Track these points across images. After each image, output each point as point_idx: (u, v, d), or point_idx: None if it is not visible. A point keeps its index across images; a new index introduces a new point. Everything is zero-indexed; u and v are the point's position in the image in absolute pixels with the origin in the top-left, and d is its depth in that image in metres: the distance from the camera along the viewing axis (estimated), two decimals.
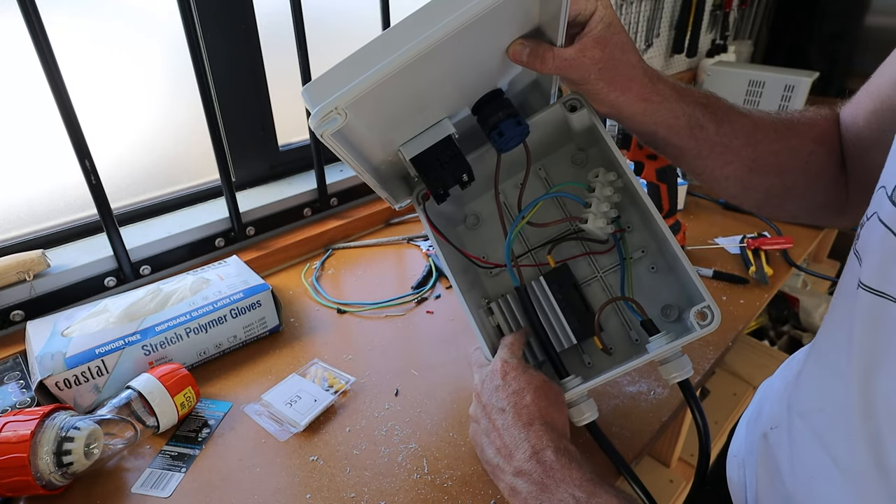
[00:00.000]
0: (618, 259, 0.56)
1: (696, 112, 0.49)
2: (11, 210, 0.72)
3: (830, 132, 0.52)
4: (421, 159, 0.48)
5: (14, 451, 0.47)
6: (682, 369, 0.49)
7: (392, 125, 0.46)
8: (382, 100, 0.41)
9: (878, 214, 0.35)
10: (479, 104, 0.49)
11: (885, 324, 0.33)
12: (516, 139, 0.49)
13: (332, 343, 0.71)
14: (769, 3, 2.05)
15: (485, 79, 0.48)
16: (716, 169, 0.52)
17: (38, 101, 0.67)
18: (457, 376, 0.65)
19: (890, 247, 0.33)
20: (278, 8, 0.85)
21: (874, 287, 0.34)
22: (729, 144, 0.51)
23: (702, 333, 0.47)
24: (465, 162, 0.49)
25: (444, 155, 0.48)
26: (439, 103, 0.47)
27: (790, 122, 0.52)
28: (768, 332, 1.58)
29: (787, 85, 1.39)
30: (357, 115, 0.40)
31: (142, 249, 0.77)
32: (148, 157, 0.82)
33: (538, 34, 0.45)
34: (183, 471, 0.54)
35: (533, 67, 0.44)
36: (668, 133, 0.50)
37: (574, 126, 0.53)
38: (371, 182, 0.51)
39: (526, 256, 0.58)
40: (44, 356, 0.58)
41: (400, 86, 0.40)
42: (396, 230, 1.00)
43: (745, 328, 0.75)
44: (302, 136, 0.99)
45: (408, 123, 0.47)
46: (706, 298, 0.47)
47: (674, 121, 0.49)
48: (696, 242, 0.93)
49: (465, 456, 0.55)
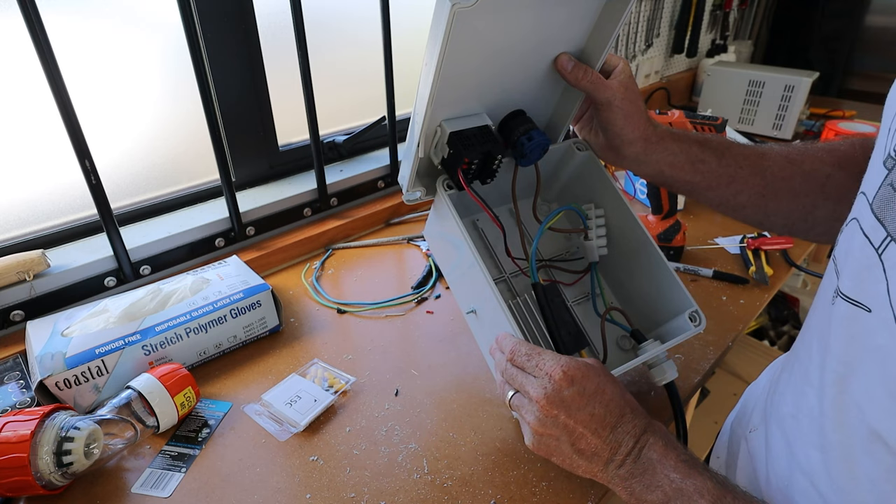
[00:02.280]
0: (589, 288, 0.64)
1: (692, 149, 0.55)
2: (11, 210, 0.72)
3: (852, 156, 0.53)
4: (459, 136, 0.52)
5: (14, 451, 0.47)
6: (667, 373, 0.55)
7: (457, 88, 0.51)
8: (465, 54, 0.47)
9: (858, 221, 0.35)
10: (508, 117, 0.57)
11: (859, 334, 0.33)
12: (538, 149, 0.55)
13: (332, 343, 0.71)
14: (769, 3, 2.05)
15: (517, 96, 0.56)
16: (729, 199, 0.56)
17: (39, 101, 0.67)
18: (457, 376, 0.65)
19: (867, 255, 0.32)
20: (278, 8, 0.85)
21: (851, 296, 0.34)
22: (735, 175, 0.55)
23: (691, 334, 0.54)
24: (500, 144, 0.54)
25: (480, 138, 0.53)
26: (483, 98, 0.54)
27: (803, 149, 0.55)
28: (768, 332, 1.58)
29: (787, 85, 1.39)
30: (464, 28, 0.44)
31: (142, 249, 0.77)
32: (148, 157, 0.82)
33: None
34: (183, 471, 0.54)
35: (574, 78, 0.53)
36: (672, 171, 0.56)
37: (574, 165, 0.62)
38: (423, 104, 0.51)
39: (518, 276, 0.63)
40: (44, 356, 0.58)
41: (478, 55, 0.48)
42: (396, 230, 1.00)
43: (745, 328, 0.75)
44: (302, 136, 0.99)
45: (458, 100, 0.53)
46: (693, 304, 0.55)
47: (673, 158, 0.55)
48: (696, 242, 0.93)
49: (465, 456, 0.55)
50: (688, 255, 0.90)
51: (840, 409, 0.34)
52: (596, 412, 0.43)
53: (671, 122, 0.88)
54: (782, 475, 0.41)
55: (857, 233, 0.34)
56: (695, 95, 1.75)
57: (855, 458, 0.33)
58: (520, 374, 0.46)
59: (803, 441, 0.39)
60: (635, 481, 0.41)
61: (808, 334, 0.41)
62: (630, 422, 0.43)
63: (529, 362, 0.46)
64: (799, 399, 0.40)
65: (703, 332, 0.70)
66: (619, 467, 0.42)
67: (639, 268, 0.59)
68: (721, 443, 0.59)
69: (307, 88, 0.84)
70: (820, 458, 0.36)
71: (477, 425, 0.58)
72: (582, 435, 0.43)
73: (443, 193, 0.55)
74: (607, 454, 0.43)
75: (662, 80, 1.68)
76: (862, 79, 2.03)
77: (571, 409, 0.43)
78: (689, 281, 0.83)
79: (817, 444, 0.37)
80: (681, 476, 0.39)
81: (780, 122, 1.43)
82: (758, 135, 1.46)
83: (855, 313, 0.33)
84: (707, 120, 0.88)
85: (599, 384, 0.44)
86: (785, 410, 0.43)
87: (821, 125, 1.42)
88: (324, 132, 0.94)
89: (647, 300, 0.59)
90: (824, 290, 0.39)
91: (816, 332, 0.39)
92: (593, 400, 0.43)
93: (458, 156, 0.52)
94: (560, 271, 0.64)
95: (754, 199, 0.55)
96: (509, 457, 0.54)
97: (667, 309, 0.57)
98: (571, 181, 0.64)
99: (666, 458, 0.41)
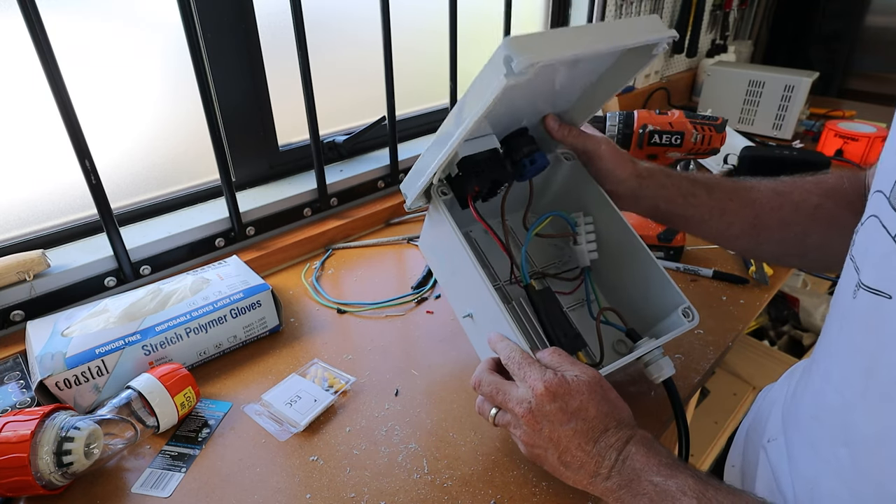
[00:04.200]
0: (584, 296, 0.64)
1: (683, 183, 0.59)
2: (11, 210, 0.72)
3: (840, 187, 0.55)
4: (471, 161, 0.55)
5: (14, 451, 0.47)
6: (663, 369, 0.55)
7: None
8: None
9: (876, 217, 0.35)
10: (513, 135, 0.59)
11: (883, 321, 0.33)
12: (538, 170, 0.58)
13: (332, 343, 0.71)
14: (769, 3, 2.05)
15: (522, 113, 0.59)
16: (723, 230, 0.59)
17: (39, 101, 0.67)
18: (457, 376, 0.65)
19: (888, 245, 0.33)
20: (278, 8, 0.85)
21: (873, 286, 0.34)
22: (725, 207, 0.58)
23: (684, 329, 0.55)
24: (508, 173, 0.57)
25: (489, 164, 0.56)
26: (492, 117, 0.55)
27: (791, 182, 0.58)
28: (768, 332, 1.58)
29: (787, 85, 1.39)
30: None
31: (142, 249, 0.77)
32: (148, 157, 0.82)
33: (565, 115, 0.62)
34: (183, 471, 0.54)
35: (561, 136, 0.60)
36: (667, 205, 0.59)
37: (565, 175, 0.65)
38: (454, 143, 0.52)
39: (513, 285, 0.64)
40: (44, 356, 0.58)
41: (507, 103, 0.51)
42: (396, 230, 1.00)
43: (745, 328, 0.75)
44: (302, 136, 0.99)
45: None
46: (685, 301, 0.56)
47: (666, 192, 0.59)
48: (696, 242, 0.93)
49: (465, 456, 0.55)
50: (688, 255, 0.90)
51: (869, 400, 0.35)
52: (578, 428, 0.44)
53: (671, 121, 0.88)
54: (808, 480, 0.41)
55: (876, 227, 0.35)
56: (695, 95, 1.75)
57: (887, 445, 0.33)
58: (503, 386, 0.47)
59: (828, 440, 0.39)
60: (623, 492, 0.42)
61: (828, 336, 0.42)
62: (613, 435, 0.44)
63: (520, 370, 0.47)
64: (818, 399, 0.41)
65: (703, 332, 0.71)
66: (607, 480, 0.43)
67: (630, 270, 0.60)
68: (736, 451, 0.59)
69: (307, 88, 0.84)
70: (847, 453, 0.37)
71: (477, 425, 0.58)
72: (566, 448, 0.44)
73: (438, 201, 0.56)
74: (592, 467, 0.43)
75: (662, 80, 1.68)
76: (862, 79, 2.03)
77: (554, 424, 0.44)
78: (689, 281, 0.83)
79: (843, 440, 0.37)
80: (663, 478, 0.40)
81: (780, 122, 1.43)
82: (758, 135, 1.46)
83: (879, 303, 0.33)
84: (707, 120, 0.88)
85: (582, 401, 0.44)
86: (805, 413, 0.43)
87: (821, 125, 1.42)
88: (324, 132, 0.94)
89: (641, 301, 0.60)
90: (842, 289, 0.39)
91: (837, 330, 0.39)
92: (575, 416, 0.44)
93: (469, 180, 0.54)
94: (555, 279, 0.65)
95: (746, 229, 0.58)
96: (509, 457, 0.54)
97: (660, 307, 0.58)
98: (561, 192, 0.66)
99: (648, 466, 0.41)
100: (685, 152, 0.89)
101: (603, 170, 0.60)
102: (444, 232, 0.56)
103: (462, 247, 0.53)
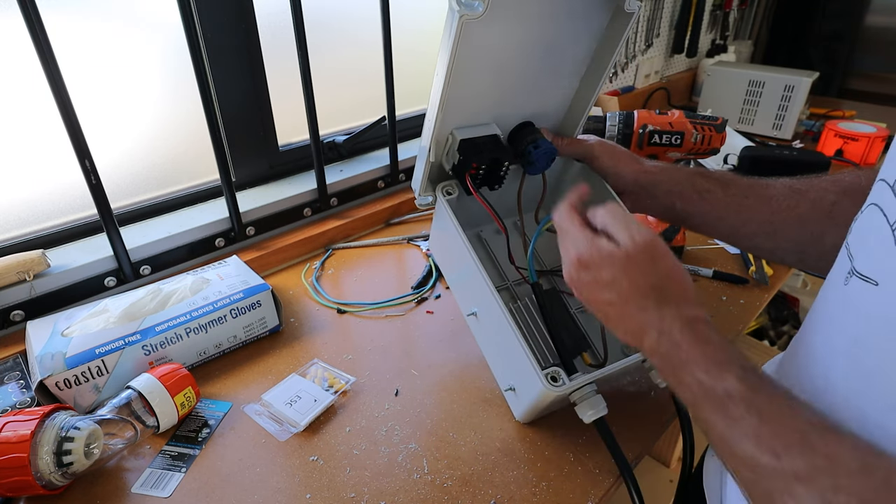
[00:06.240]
0: None
1: (697, 179, 0.58)
2: (11, 210, 0.72)
3: (857, 184, 0.53)
4: (470, 143, 0.55)
5: (14, 451, 0.47)
6: None
7: (467, 97, 0.54)
8: (477, 60, 0.49)
9: (877, 206, 0.35)
10: (517, 129, 0.60)
11: (870, 309, 0.33)
12: (545, 157, 0.59)
13: (332, 343, 0.71)
14: (769, 3, 2.05)
15: (526, 108, 0.60)
16: (739, 227, 0.57)
17: (39, 101, 0.67)
18: (457, 376, 0.65)
19: (885, 232, 0.33)
20: (278, 8, 0.85)
21: (865, 273, 0.34)
22: (742, 203, 0.57)
23: None
24: (508, 152, 0.57)
25: (489, 146, 0.56)
26: (493, 109, 0.57)
27: (807, 180, 0.57)
28: (768, 332, 1.58)
29: (787, 85, 1.39)
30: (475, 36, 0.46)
31: (142, 249, 0.77)
32: (148, 157, 0.82)
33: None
34: (183, 471, 0.54)
35: (557, 147, 0.61)
36: (683, 203, 0.58)
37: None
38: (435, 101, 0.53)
39: (521, 285, 0.65)
40: (44, 356, 0.58)
41: (487, 65, 0.51)
42: (396, 230, 1.00)
43: (745, 328, 0.75)
44: (302, 136, 0.99)
45: (469, 109, 0.56)
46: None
47: (680, 188, 0.58)
48: (696, 242, 0.93)
49: (465, 456, 0.55)
50: (688, 255, 0.90)
51: (852, 381, 0.34)
52: (612, 299, 0.43)
53: (671, 121, 0.88)
54: None
55: (875, 214, 0.35)
56: (695, 95, 1.75)
57: (868, 426, 0.33)
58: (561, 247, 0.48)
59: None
60: (668, 374, 0.40)
61: (810, 326, 0.41)
62: (654, 312, 0.41)
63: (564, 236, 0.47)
64: (796, 386, 0.40)
65: None
66: (652, 356, 0.42)
67: None
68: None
69: (307, 88, 0.84)
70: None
71: (477, 425, 0.58)
72: (606, 316, 0.45)
73: (442, 199, 0.57)
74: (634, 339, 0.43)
75: (662, 80, 1.68)
76: (862, 79, 2.03)
77: (591, 291, 0.45)
78: None
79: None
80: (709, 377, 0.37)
81: (780, 122, 1.43)
82: (758, 135, 1.46)
83: (868, 289, 0.33)
84: (707, 120, 0.88)
85: (615, 274, 0.43)
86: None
87: (821, 125, 1.42)
88: (324, 132, 0.94)
89: None
90: (833, 277, 0.39)
91: (822, 318, 0.39)
92: (608, 288, 0.43)
93: (468, 161, 0.54)
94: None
95: (763, 226, 0.56)
96: (509, 457, 0.54)
97: None
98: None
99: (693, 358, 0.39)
100: (685, 152, 0.89)
101: (603, 168, 0.60)
102: (448, 230, 0.56)
103: (464, 245, 0.54)
